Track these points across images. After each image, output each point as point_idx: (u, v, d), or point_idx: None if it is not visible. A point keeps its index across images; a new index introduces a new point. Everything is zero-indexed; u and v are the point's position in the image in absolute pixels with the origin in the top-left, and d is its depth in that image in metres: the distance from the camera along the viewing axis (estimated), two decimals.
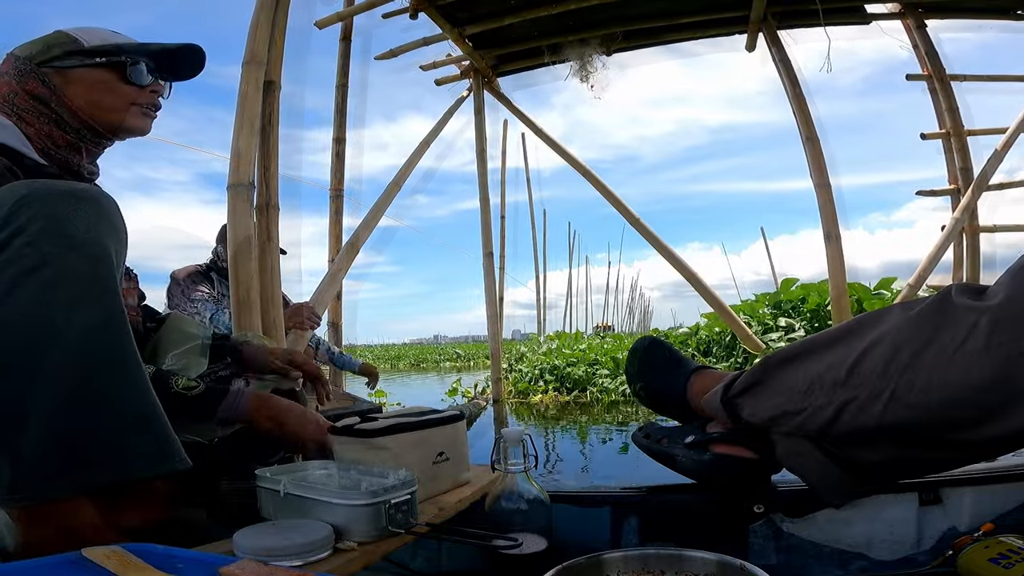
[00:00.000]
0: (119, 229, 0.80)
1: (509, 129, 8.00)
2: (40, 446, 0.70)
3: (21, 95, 1.04)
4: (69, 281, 0.72)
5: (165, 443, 0.80)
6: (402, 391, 8.08)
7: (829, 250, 3.57)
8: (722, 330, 6.47)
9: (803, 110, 3.67)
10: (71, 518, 0.74)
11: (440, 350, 24.28)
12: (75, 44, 1.09)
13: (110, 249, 0.77)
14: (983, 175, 3.93)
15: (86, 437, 0.73)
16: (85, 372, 0.73)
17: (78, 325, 0.72)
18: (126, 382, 0.77)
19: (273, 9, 2.30)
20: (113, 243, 0.78)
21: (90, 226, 0.75)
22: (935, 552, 1.00)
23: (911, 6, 3.87)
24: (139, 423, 0.78)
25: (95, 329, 0.74)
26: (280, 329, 2.18)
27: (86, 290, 0.73)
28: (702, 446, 1.00)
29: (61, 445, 0.71)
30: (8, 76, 1.06)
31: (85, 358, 0.73)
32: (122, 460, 0.76)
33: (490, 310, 4.93)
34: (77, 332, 0.72)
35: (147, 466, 0.78)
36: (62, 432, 0.71)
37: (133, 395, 0.77)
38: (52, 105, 1.05)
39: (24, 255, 0.70)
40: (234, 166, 2.08)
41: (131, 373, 0.77)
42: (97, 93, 1.08)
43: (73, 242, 0.73)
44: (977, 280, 4.07)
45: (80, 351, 0.72)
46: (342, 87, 3.98)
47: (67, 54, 1.08)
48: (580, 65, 4.13)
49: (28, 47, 1.08)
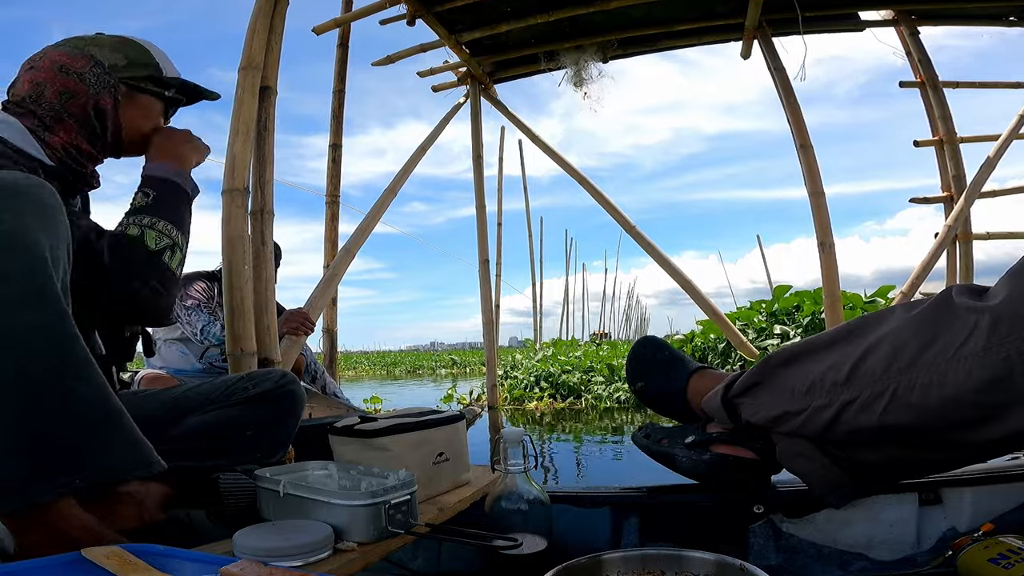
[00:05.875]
0: (56, 220, 0.75)
1: (506, 136, 7.99)
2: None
3: (87, 103, 1.03)
4: (3, 280, 0.67)
5: (133, 445, 0.78)
6: (398, 397, 8.06)
7: (823, 258, 3.57)
8: (718, 337, 6.50)
9: (797, 118, 3.68)
10: (60, 521, 0.72)
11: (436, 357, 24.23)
12: (157, 71, 1.10)
13: (43, 245, 0.71)
14: (976, 182, 3.95)
15: (45, 442, 0.70)
16: (32, 371, 0.69)
17: (20, 325, 0.68)
18: (79, 383, 0.73)
19: (270, 15, 2.30)
20: (48, 238, 0.72)
21: (22, 223, 0.70)
22: (935, 552, 1.01)
23: (904, 13, 3.90)
24: (102, 425, 0.75)
25: (38, 330, 0.69)
26: (274, 336, 2.17)
27: (23, 289, 0.69)
28: (702, 446, 1.00)
29: (17, 452, 0.68)
30: (78, 79, 1.03)
31: (31, 358, 0.69)
32: (89, 463, 0.73)
33: (486, 317, 4.92)
34: (20, 332, 0.68)
35: (117, 468, 0.76)
36: (16, 439, 0.68)
37: (91, 397, 0.74)
38: (107, 121, 1.05)
39: None
40: (229, 171, 2.07)
41: (84, 374, 0.73)
42: (143, 120, 1.10)
43: (2, 240, 0.68)
44: None
45: (25, 351, 0.68)
46: (339, 92, 3.97)
47: (148, 78, 1.09)
48: (574, 72, 4.15)
49: (110, 54, 1.07)
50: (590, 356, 7.33)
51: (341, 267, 3.32)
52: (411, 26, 3.66)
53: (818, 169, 3.61)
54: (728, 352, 6.28)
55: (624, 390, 5.84)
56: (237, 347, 1.96)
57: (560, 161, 4.57)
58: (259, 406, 1.13)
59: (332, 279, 3.29)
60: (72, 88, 1.02)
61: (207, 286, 2.73)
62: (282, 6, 2.36)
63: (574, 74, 4.16)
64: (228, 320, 1.98)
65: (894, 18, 3.95)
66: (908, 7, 3.88)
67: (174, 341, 2.69)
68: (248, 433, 1.12)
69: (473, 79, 4.51)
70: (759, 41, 3.81)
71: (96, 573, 0.61)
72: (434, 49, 4.11)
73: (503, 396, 5.97)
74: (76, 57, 1.03)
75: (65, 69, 1.02)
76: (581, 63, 4.11)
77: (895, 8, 3.89)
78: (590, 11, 3.67)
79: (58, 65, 1.03)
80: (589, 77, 4.17)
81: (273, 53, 2.31)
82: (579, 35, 4.03)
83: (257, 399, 1.13)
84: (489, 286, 4.90)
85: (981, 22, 3.88)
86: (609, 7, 3.62)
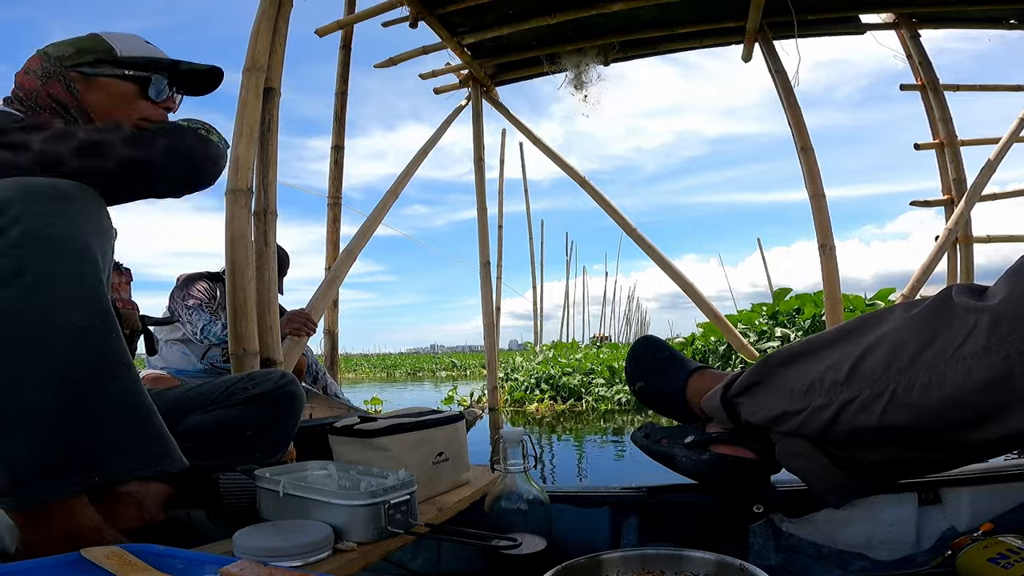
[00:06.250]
0: (104, 226, 0.79)
1: (507, 139, 7.99)
2: (30, 449, 0.70)
3: (42, 95, 1.04)
4: (53, 283, 0.71)
5: (159, 442, 0.79)
6: (398, 399, 8.06)
7: (824, 261, 3.57)
8: (718, 340, 6.49)
9: (798, 121, 3.69)
10: (70, 519, 0.73)
11: (436, 359, 24.21)
12: (109, 53, 1.09)
13: (93, 248, 0.75)
14: (976, 185, 3.95)
15: (77, 439, 0.72)
16: (74, 374, 0.72)
17: (64, 327, 0.71)
18: (115, 382, 0.75)
19: (274, 16, 2.31)
20: (97, 240, 0.76)
21: (72, 226, 0.74)
22: (934, 552, 1.00)
23: (905, 16, 3.90)
24: (131, 423, 0.77)
25: (82, 331, 0.72)
26: (276, 336, 2.18)
27: (70, 292, 0.72)
28: (702, 446, 1.00)
29: (50, 448, 0.71)
30: (33, 74, 1.06)
31: (73, 360, 0.72)
32: (116, 461, 0.75)
33: (487, 319, 4.92)
34: (64, 335, 0.71)
35: (142, 466, 0.77)
36: (51, 435, 0.71)
37: (124, 395, 0.76)
38: (71, 110, 1.05)
39: (7, 257, 0.69)
40: (232, 172, 2.09)
41: (121, 373, 0.76)
42: (114, 103, 1.08)
43: (55, 243, 0.72)
44: None
45: (68, 353, 0.71)
46: (341, 95, 3.98)
47: (98, 61, 1.08)
48: (575, 75, 4.15)
49: (61, 47, 1.08)
50: (590, 358, 7.33)
51: (343, 269, 3.33)
52: (413, 28, 3.67)
53: (819, 172, 3.61)
54: (729, 355, 6.28)
55: (625, 392, 5.84)
56: (240, 347, 1.96)
57: (561, 164, 4.58)
58: (259, 406, 1.14)
59: (334, 281, 3.29)
60: (29, 85, 1.05)
61: (209, 286, 2.73)
62: (286, 8, 2.37)
63: (575, 77, 4.17)
64: (231, 320, 1.99)
65: (895, 21, 3.95)
66: (909, 10, 3.88)
67: (175, 341, 2.69)
68: (248, 433, 1.13)
69: (475, 81, 4.52)
70: (760, 44, 3.81)
71: (96, 573, 0.61)
72: (436, 51, 4.12)
73: (504, 398, 5.97)
74: (34, 58, 1.08)
75: (27, 70, 1.07)
76: (582, 66, 4.12)
77: (896, 11, 3.90)
78: (591, 14, 3.67)
79: (24, 69, 1.08)
80: (590, 80, 4.18)
81: (277, 55, 2.32)
82: (580, 38, 4.03)
83: (257, 399, 1.14)
84: (490, 289, 4.90)
85: (982, 25, 3.88)
86: (610, 10, 3.63)
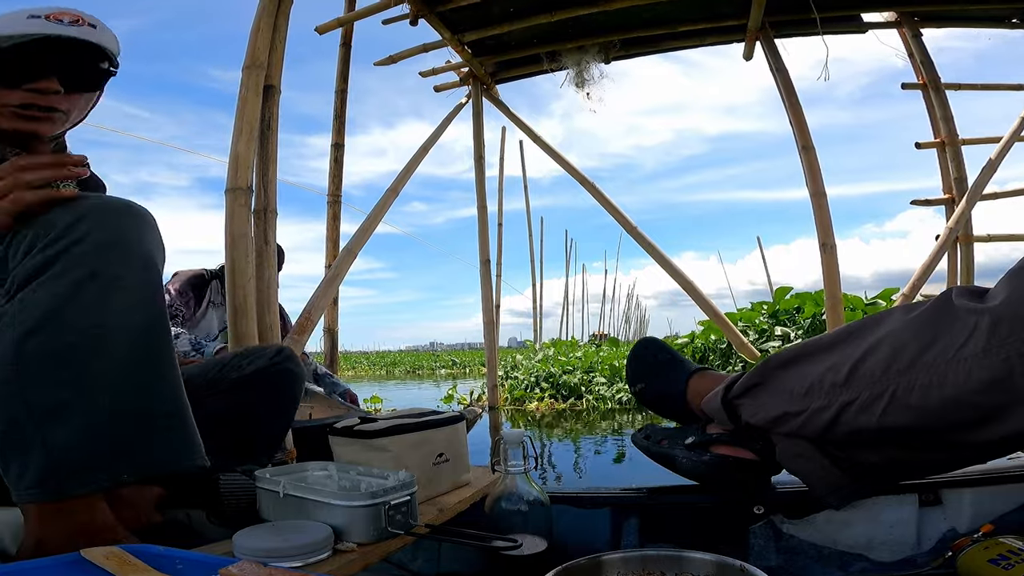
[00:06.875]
0: (161, 240, 0.86)
1: (507, 136, 7.98)
2: (75, 439, 0.73)
3: None
4: (124, 287, 0.77)
5: (189, 440, 0.82)
6: (398, 397, 8.06)
7: (824, 260, 3.56)
8: (718, 338, 6.49)
9: (799, 119, 3.68)
10: (85, 516, 0.75)
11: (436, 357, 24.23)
12: None
13: (157, 259, 0.83)
14: (977, 185, 3.94)
15: (118, 432, 0.76)
16: (128, 370, 0.77)
17: (129, 327, 0.77)
18: (161, 380, 0.80)
19: (274, 14, 2.30)
20: (159, 253, 0.84)
21: (142, 238, 0.81)
22: (935, 553, 1.00)
23: (907, 15, 3.89)
24: (167, 420, 0.80)
25: (142, 331, 0.78)
26: (276, 335, 2.18)
27: (136, 296, 0.79)
28: (702, 447, 1.00)
29: (94, 439, 0.74)
30: None
31: (130, 357, 0.77)
32: (148, 455, 0.78)
33: (487, 317, 4.91)
34: (127, 334, 0.77)
35: (170, 462, 0.80)
36: (97, 427, 0.74)
37: (166, 392, 0.81)
38: None
39: (85, 262, 0.75)
40: (232, 170, 2.08)
41: (166, 371, 0.81)
42: None
43: (128, 252, 0.79)
44: None
45: (127, 351, 0.77)
46: (341, 92, 3.98)
47: None
48: (576, 72, 4.14)
49: None
50: (590, 357, 7.32)
51: (343, 267, 3.32)
52: (414, 26, 3.66)
53: (820, 170, 3.60)
54: (729, 353, 6.27)
55: (626, 391, 5.83)
56: (240, 345, 1.96)
57: (561, 161, 4.57)
58: (252, 389, 1.14)
59: (334, 279, 3.29)
60: None
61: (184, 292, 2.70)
62: (286, 5, 2.36)
63: (576, 75, 4.16)
64: (231, 318, 1.99)
65: (897, 20, 3.94)
66: (911, 9, 3.87)
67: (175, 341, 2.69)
68: (248, 412, 1.12)
69: (475, 79, 4.51)
70: (761, 42, 3.80)
71: (96, 573, 0.61)
72: (436, 49, 4.11)
73: (503, 397, 5.97)
74: None
75: None
76: (583, 64, 4.11)
77: (898, 10, 3.89)
78: (592, 11, 3.66)
79: None
80: (591, 78, 4.17)
81: (277, 52, 2.31)
82: (581, 35, 4.02)
83: (251, 379, 1.15)
84: (490, 286, 4.89)
85: (984, 24, 3.87)
86: (612, 7, 3.62)
